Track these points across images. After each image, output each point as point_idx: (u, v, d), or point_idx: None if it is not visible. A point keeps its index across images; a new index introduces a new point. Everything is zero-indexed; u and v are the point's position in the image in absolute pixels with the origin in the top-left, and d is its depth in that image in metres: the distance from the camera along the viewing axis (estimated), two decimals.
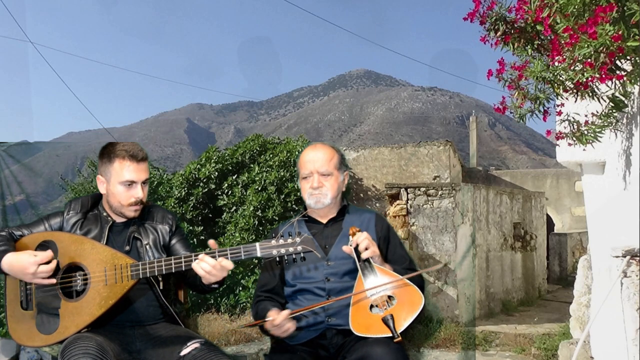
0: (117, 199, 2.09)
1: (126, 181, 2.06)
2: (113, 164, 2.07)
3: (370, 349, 1.80)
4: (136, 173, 2.07)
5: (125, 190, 2.07)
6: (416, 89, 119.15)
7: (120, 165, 2.06)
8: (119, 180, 2.06)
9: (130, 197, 2.08)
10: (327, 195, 2.13)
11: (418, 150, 8.87)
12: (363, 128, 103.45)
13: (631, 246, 2.09)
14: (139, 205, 2.11)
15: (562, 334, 4.80)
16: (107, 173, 2.09)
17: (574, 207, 12.55)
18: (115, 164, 2.07)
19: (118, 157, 2.07)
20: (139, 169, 2.08)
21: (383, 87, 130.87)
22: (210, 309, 6.60)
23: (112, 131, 31.55)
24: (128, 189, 2.07)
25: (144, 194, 2.12)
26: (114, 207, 2.12)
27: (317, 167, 2.12)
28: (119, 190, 2.07)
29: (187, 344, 1.92)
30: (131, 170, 2.06)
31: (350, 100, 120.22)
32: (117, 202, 2.09)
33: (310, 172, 2.13)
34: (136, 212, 2.12)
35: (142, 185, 2.10)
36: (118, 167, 2.06)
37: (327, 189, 2.13)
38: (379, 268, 1.97)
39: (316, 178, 2.12)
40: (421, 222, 6.52)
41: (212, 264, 1.86)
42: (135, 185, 2.08)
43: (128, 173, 2.06)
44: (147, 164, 2.14)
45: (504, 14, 1.65)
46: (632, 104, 2.02)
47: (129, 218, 2.14)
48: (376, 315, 1.86)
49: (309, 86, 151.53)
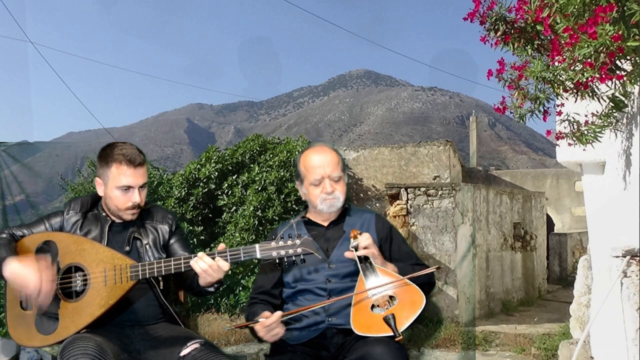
0: (114, 202, 2.08)
1: (123, 186, 2.05)
2: (110, 168, 2.05)
3: (370, 349, 1.80)
4: (133, 178, 2.05)
5: (122, 194, 2.06)
6: (416, 89, 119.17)
7: (118, 170, 2.04)
8: (116, 185, 2.05)
9: (127, 201, 2.07)
10: (340, 199, 2.13)
11: (418, 150, 8.87)
12: (363, 128, 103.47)
13: (631, 246, 2.09)
14: (136, 209, 2.10)
15: (562, 334, 4.80)
16: (105, 176, 2.08)
17: (574, 207, 12.55)
18: (113, 168, 2.05)
19: (115, 161, 2.05)
20: (136, 174, 2.06)
21: (383, 87, 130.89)
22: (210, 309, 6.60)
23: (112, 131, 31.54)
24: (125, 194, 2.06)
25: (142, 198, 2.11)
26: (111, 210, 2.12)
27: (328, 172, 2.11)
28: (116, 194, 2.06)
29: (187, 344, 1.92)
30: (128, 176, 2.04)
31: (350, 100, 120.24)
32: (114, 205, 2.09)
33: (322, 178, 2.11)
34: (133, 216, 2.12)
35: (139, 189, 2.09)
36: (115, 172, 2.04)
37: (339, 192, 2.13)
38: (380, 269, 1.97)
39: (328, 183, 2.11)
40: (421, 222, 6.52)
41: (209, 263, 1.87)
42: (132, 190, 2.06)
43: (125, 178, 2.04)
44: (145, 168, 2.11)
45: (504, 14, 1.65)
46: (632, 104, 2.02)
47: (126, 221, 2.14)
48: (377, 315, 1.86)
49: (309, 86, 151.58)
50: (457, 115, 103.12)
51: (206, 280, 1.91)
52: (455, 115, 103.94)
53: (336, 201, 2.13)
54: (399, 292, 1.91)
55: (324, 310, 2.03)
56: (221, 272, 1.89)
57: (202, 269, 1.87)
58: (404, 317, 1.83)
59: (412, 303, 1.87)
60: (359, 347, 1.86)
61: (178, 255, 2.11)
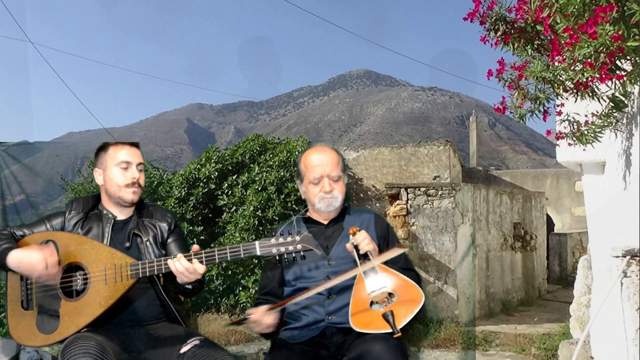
0: (115, 182, 2.13)
1: (121, 162, 2.14)
2: (108, 151, 2.17)
3: (369, 346, 1.81)
4: (130, 155, 2.16)
5: (121, 172, 2.14)
6: (416, 89, 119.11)
7: (114, 149, 2.17)
8: (115, 163, 2.14)
9: (127, 178, 2.13)
10: (338, 199, 2.14)
11: (418, 150, 8.87)
12: (363, 128, 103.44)
13: (631, 246, 2.09)
14: (136, 187, 2.15)
15: (562, 334, 4.80)
16: (103, 162, 2.17)
17: (574, 207, 12.55)
18: (110, 150, 2.17)
19: (111, 145, 2.19)
20: (132, 152, 2.18)
21: (383, 87, 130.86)
22: (210, 309, 6.60)
23: (112, 131, 31.56)
24: (125, 171, 2.14)
25: (141, 178, 2.18)
26: (112, 193, 2.15)
27: (327, 171, 2.12)
28: (115, 173, 2.13)
29: (187, 342, 1.93)
30: (125, 153, 2.16)
31: (350, 100, 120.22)
32: (115, 185, 2.13)
33: (321, 176, 2.12)
34: (134, 194, 2.15)
35: (137, 168, 2.17)
36: (112, 152, 2.16)
37: (337, 192, 2.14)
38: (379, 266, 1.97)
39: (327, 182, 2.12)
40: (421, 222, 6.52)
41: (185, 265, 1.88)
42: (130, 167, 2.15)
43: (122, 155, 2.15)
44: (140, 151, 2.22)
45: (504, 14, 1.65)
46: (632, 104, 2.02)
47: (127, 203, 2.15)
48: (376, 312, 1.87)
49: (309, 86, 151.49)
50: (457, 115, 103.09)
51: (182, 281, 1.94)
52: (455, 115, 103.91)
53: (334, 200, 2.13)
54: (398, 289, 1.92)
55: (323, 309, 2.04)
56: (197, 275, 1.91)
57: (178, 270, 1.89)
58: (402, 315, 1.84)
59: (411, 300, 1.88)
60: (358, 345, 1.86)
61: (174, 254, 2.11)
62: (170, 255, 1.97)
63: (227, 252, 1.89)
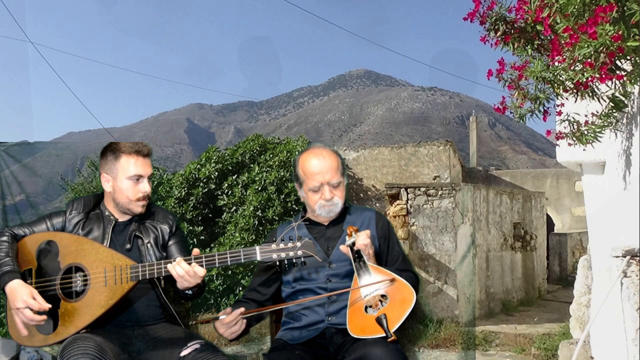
0: (125, 194, 2.10)
1: (134, 176, 2.09)
2: (119, 160, 2.09)
3: (369, 350, 1.80)
4: (143, 167, 2.10)
5: (132, 185, 2.09)
6: (416, 89, 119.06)
7: (127, 160, 2.09)
8: (127, 176, 2.08)
9: (138, 192, 2.10)
10: (339, 205, 2.12)
11: (418, 150, 8.87)
12: (363, 128, 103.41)
13: (631, 246, 2.09)
14: (146, 200, 2.13)
15: (562, 334, 4.80)
16: (113, 170, 2.10)
17: (574, 207, 12.54)
18: (122, 159, 2.09)
19: (124, 153, 2.10)
20: (145, 164, 2.12)
21: (383, 87, 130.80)
22: (210, 309, 6.60)
23: (112, 131, 31.53)
24: (136, 184, 2.10)
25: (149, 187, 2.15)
26: (120, 203, 2.12)
27: (327, 178, 2.08)
28: (127, 185, 2.09)
29: (187, 345, 1.92)
30: (138, 165, 2.09)
31: (350, 100, 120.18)
32: (125, 197, 2.10)
33: (321, 184, 2.08)
34: (143, 208, 2.13)
35: (147, 180, 2.13)
36: (125, 163, 2.09)
37: (338, 198, 2.11)
38: (373, 267, 1.97)
39: (327, 190, 2.08)
40: (421, 222, 6.52)
41: (185, 269, 1.86)
42: (142, 180, 2.11)
43: (135, 168, 2.09)
44: (150, 160, 2.17)
45: (504, 14, 1.65)
46: (632, 104, 2.02)
47: (134, 214, 2.14)
48: (371, 316, 1.87)
49: (309, 86, 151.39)
50: (457, 115, 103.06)
51: (183, 285, 1.92)
52: (455, 115, 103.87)
53: (335, 207, 2.11)
54: (390, 290, 1.91)
55: (323, 310, 2.03)
56: (198, 278, 1.89)
57: (178, 274, 1.87)
58: (395, 317, 1.83)
59: (402, 301, 1.88)
60: (358, 348, 1.85)
61: (174, 257, 2.11)
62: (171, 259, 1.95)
63: (228, 257, 1.88)
